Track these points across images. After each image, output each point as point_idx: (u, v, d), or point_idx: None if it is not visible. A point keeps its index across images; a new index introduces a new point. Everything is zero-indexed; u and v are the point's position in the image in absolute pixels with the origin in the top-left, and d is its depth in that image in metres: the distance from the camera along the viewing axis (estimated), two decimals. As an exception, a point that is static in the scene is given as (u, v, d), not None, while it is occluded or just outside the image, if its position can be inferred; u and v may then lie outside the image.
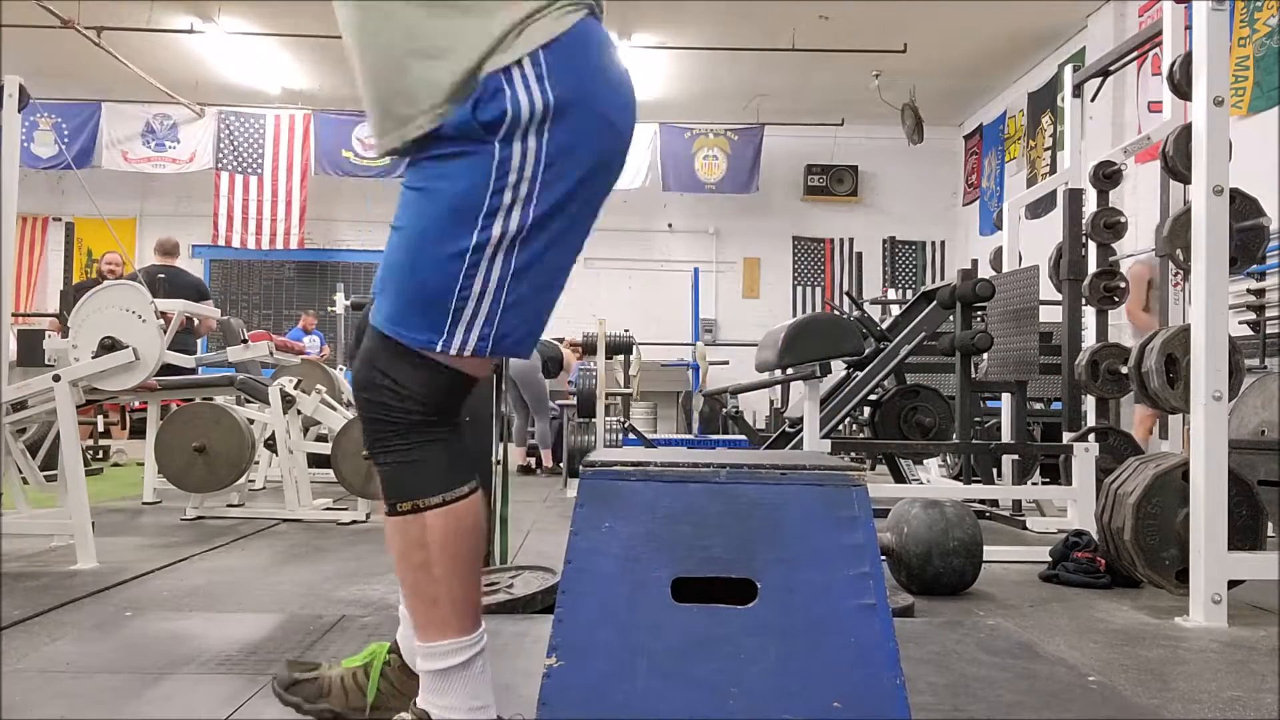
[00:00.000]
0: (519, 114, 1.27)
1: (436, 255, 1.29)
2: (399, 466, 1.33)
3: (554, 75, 1.29)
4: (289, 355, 5.28)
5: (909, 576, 3.07)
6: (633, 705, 1.24)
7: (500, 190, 1.28)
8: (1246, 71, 6.25)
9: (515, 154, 1.28)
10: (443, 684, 1.35)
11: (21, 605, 2.68)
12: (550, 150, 1.29)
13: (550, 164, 1.29)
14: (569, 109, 1.29)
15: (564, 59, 1.30)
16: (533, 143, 1.28)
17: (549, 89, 1.28)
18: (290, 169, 10.89)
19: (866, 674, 1.24)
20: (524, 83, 1.27)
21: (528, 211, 1.29)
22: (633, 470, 1.34)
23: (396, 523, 1.33)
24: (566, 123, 1.29)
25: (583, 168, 1.32)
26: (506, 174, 1.27)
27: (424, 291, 1.30)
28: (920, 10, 8.24)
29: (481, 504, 1.36)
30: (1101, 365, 4.48)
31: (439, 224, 1.29)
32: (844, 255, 11.88)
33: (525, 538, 4.15)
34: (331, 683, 1.55)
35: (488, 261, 1.29)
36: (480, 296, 1.29)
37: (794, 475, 1.32)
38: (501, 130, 1.27)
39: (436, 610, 1.33)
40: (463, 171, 1.28)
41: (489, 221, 1.28)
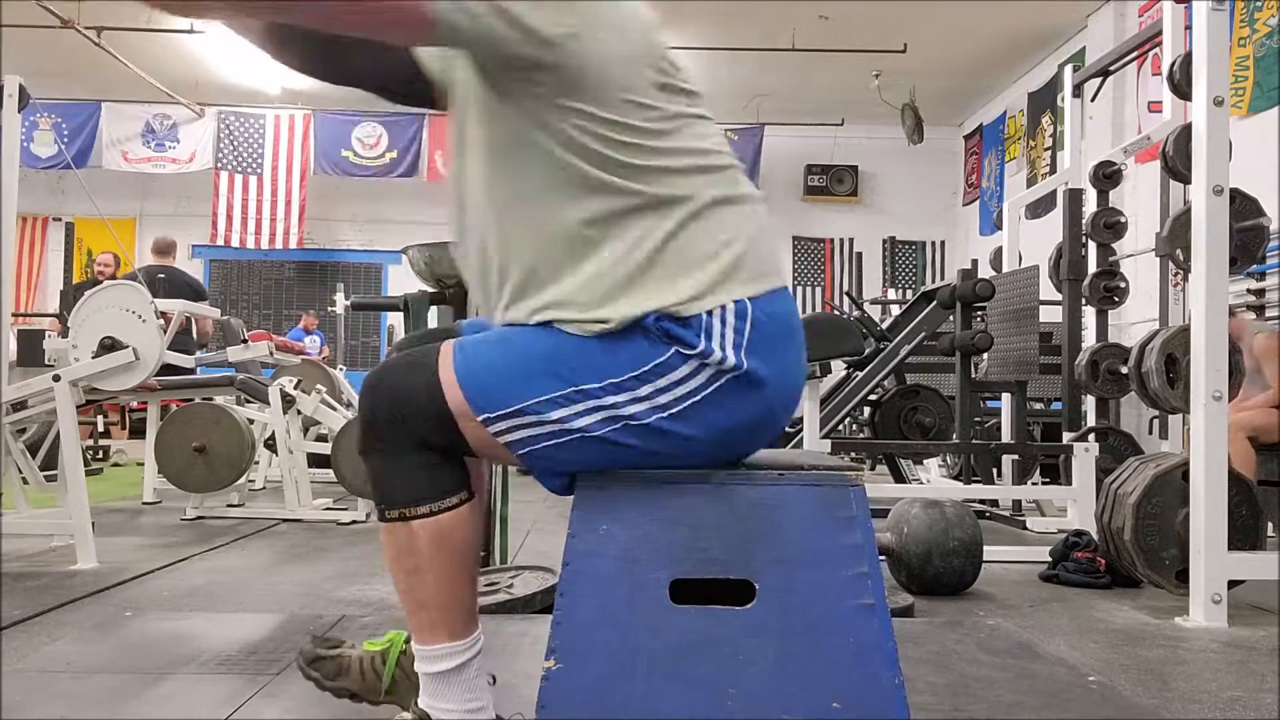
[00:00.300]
0: (709, 358, 1.25)
1: (548, 369, 1.26)
2: (386, 473, 1.32)
3: (754, 342, 1.27)
4: (289, 355, 5.28)
5: (909, 576, 3.07)
6: (631, 706, 1.24)
7: (646, 381, 1.26)
8: (1246, 71, 6.25)
9: (682, 370, 1.26)
10: (440, 686, 1.35)
11: (21, 605, 2.68)
12: (713, 395, 1.27)
13: (705, 405, 1.27)
14: (752, 384, 1.28)
15: (768, 333, 1.29)
16: (704, 377, 1.26)
17: (743, 355, 1.27)
18: (290, 169, 10.89)
19: (865, 674, 1.24)
20: (721, 334, 1.26)
21: (652, 415, 1.26)
22: (630, 471, 1.34)
23: (386, 529, 1.33)
24: (741, 391, 1.28)
25: (725, 431, 1.30)
26: (662, 375, 1.26)
27: (511, 379, 1.27)
28: (920, 10, 8.24)
29: (474, 512, 1.35)
30: (1101, 365, 4.49)
31: (575, 356, 1.26)
32: (844, 255, 11.88)
33: (525, 538, 4.15)
34: (351, 663, 1.56)
35: (584, 410, 1.26)
36: (548, 422, 1.26)
37: (792, 475, 1.32)
38: (687, 350, 1.25)
39: (428, 615, 1.34)
40: (631, 342, 1.26)
41: (613, 390, 1.26)
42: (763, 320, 1.29)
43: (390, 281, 11.83)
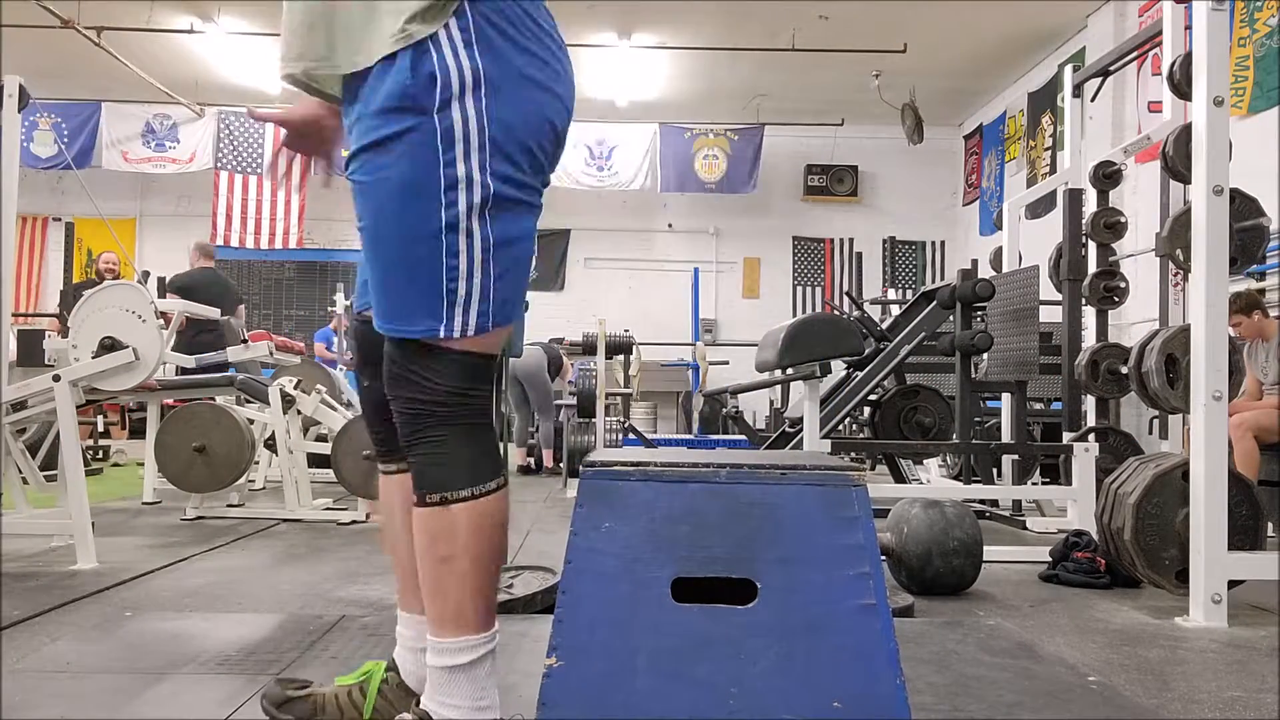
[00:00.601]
0: (449, 77, 1.26)
1: (412, 242, 1.28)
2: (429, 458, 1.33)
3: (482, 40, 1.28)
4: (289, 355, 5.28)
5: (909, 576, 3.07)
6: (633, 705, 1.24)
7: (451, 161, 1.26)
8: (1246, 71, 6.25)
9: (456, 121, 1.26)
10: (451, 681, 1.34)
11: (21, 605, 2.68)
12: (493, 115, 1.28)
13: (497, 129, 1.28)
14: (503, 77, 1.29)
15: (491, 24, 1.29)
16: (470, 106, 1.27)
17: (476, 56, 1.27)
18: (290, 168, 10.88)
19: (866, 674, 1.24)
20: (450, 47, 1.27)
21: (487, 179, 1.28)
22: (632, 470, 1.34)
23: (424, 514, 1.33)
24: (502, 89, 1.29)
25: (531, 133, 1.32)
26: (453, 143, 1.26)
27: (410, 281, 1.29)
28: (920, 10, 8.24)
29: (507, 501, 1.37)
30: (1101, 365, 4.49)
31: (403, 210, 1.28)
32: (844, 255, 11.88)
33: (525, 538, 4.15)
34: (326, 700, 1.53)
35: (465, 236, 1.28)
36: (469, 274, 1.29)
37: (794, 475, 1.32)
38: (435, 96, 1.26)
39: (455, 604, 1.33)
40: (408, 151, 1.27)
41: (452, 195, 1.27)
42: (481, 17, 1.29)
43: (390, 281, 11.81)
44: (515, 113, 1.30)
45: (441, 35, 1.26)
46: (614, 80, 9.85)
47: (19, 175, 3.35)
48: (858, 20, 8.50)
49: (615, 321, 8.89)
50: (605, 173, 10.85)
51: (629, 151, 10.81)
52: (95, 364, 3.42)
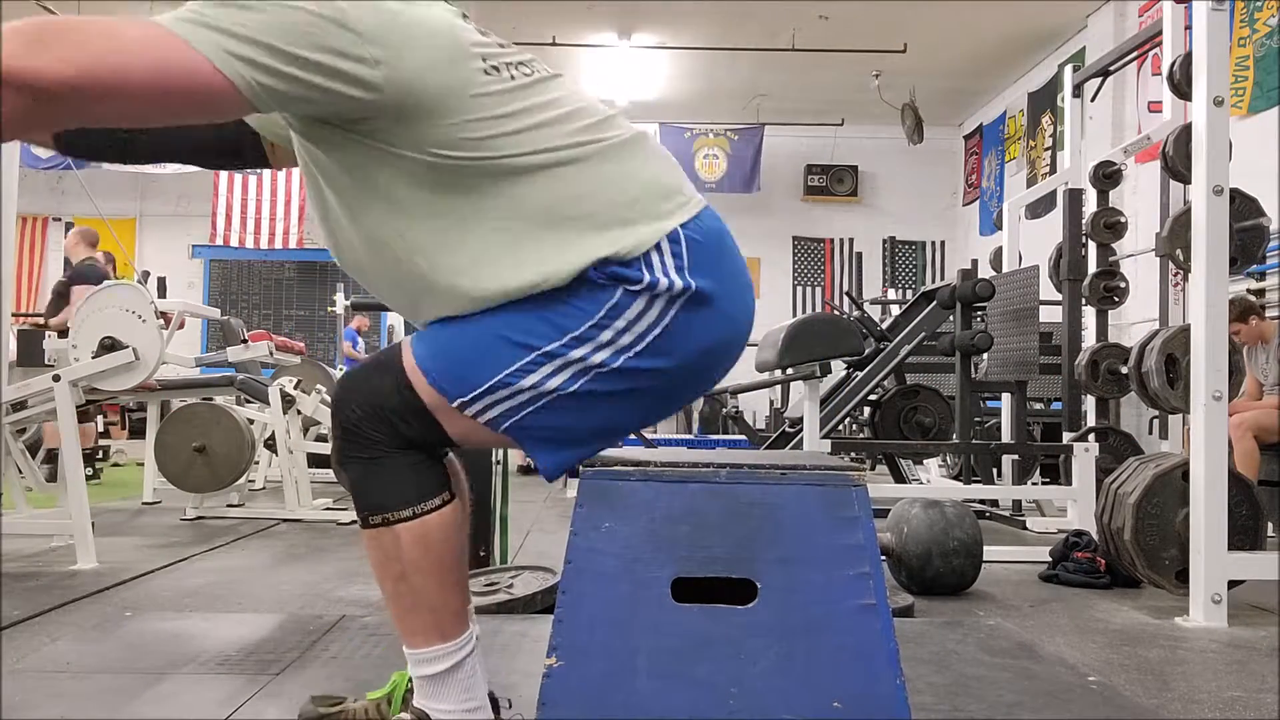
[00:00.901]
0: (655, 284, 1.25)
1: (508, 338, 1.26)
2: (366, 479, 1.31)
3: (694, 261, 1.28)
4: (289, 355, 5.28)
5: (909, 576, 3.07)
6: (633, 705, 1.24)
7: (603, 326, 1.25)
8: (1246, 71, 6.25)
9: (635, 307, 1.26)
10: (435, 688, 1.35)
11: (21, 605, 2.68)
12: (670, 325, 1.27)
13: (666, 334, 1.27)
14: (704, 301, 1.28)
15: (704, 249, 1.30)
16: (657, 309, 1.26)
17: (688, 275, 1.27)
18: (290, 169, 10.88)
19: (866, 674, 1.24)
20: (662, 263, 1.26)
21: (619, 357, 1.26)
22: (632, 470, 1.34)
23: (369, 535, 1.32)
24: (696, 312, 1.28)
25: (694, 355, 1.30)
26: (617, 317, 1.25)
27: (474, 357, 1.27)
28: (920, 10, 8.24)
29: (457, 513, 1.34)
30: (1101, 365, 4.49)
31: (528, 319, 1.26)
32: (844, 255, 11.88)
33: (525, 538, 4.15)
34: (356, 714, 1.53)
35: (552, 370, 1.26)
36: (522, 391, 1.26)
37: (794, 475, 1.32)
38: (634, 286, 1.25)
39: (418, 618, 1.33)
40: (578, 296, 1.25)
41: (575, 344, 1.25)
42: (696, 240, 1.30)
43: (390, 281, 11.82)
44: (695, 335, 1.29)
45: (654, 257, 1.26)
46: (614, 80, 9.85)
47: (19, 175, 3.35)
48: (858, 20, 8.50)
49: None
50: (605, 173, 10.83)
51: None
52: (95, 364, 3.42)
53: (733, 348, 1.36)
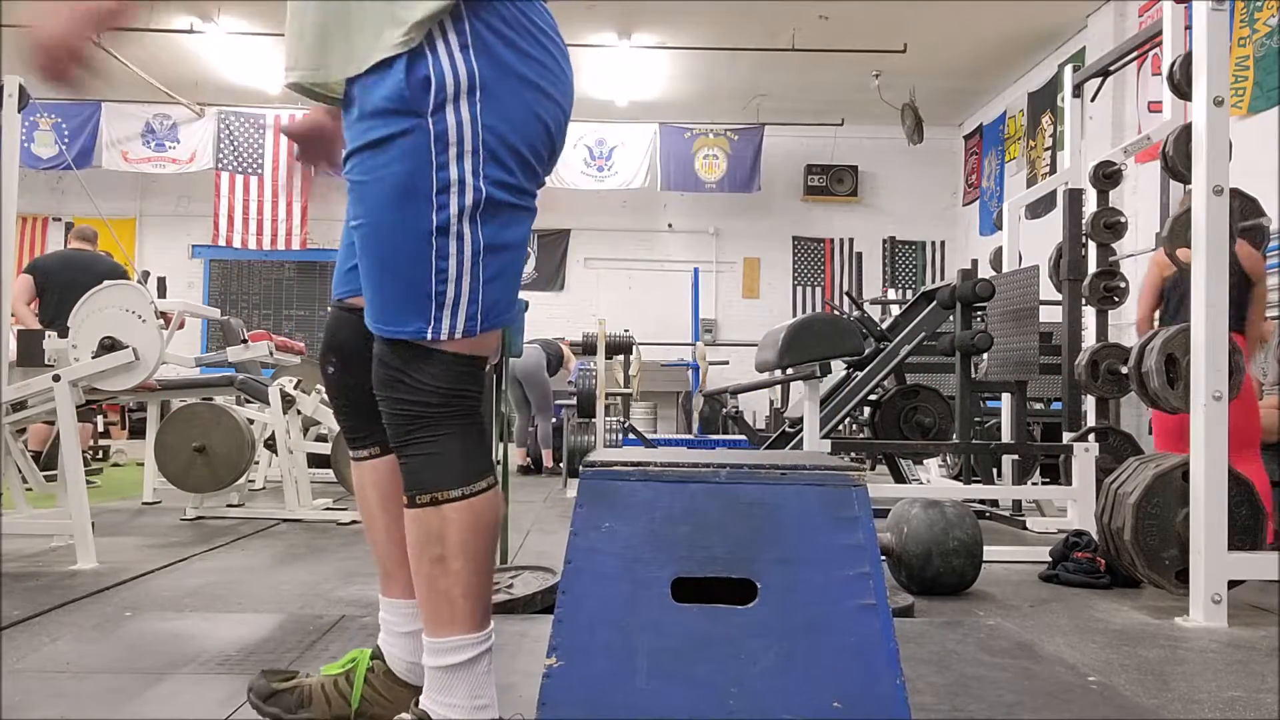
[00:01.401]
0: (444, 81, 1.26)
1: (403, 243, 1.29)
2: (419, 459, 1.33)
3: (479, 45, 1.28)
4: (289, 355, 5.28)
5: (909, 576, 3.07)
6: (633, 705, 1.24)
7: (444, 165, 1.27)
8: (1246, 71, 6.25)
9: (450, 125, 1.27)
10: (448, 680, 1.34)
11: (21, 605, 2.68)
12: (487, 119, 1.28)
13: (491, 133, 1.28)
14: (499, 80, 1.29)
15: (490, 28, 1.30)
16: (465, 111, 1.27)
17: (473, 60, 1.28)
18: (291, 169, 10.89)
19: (866, 674, 1.24)
20: (447, 52, 1.27)
21: (480, 183, 1.29)
22: (633, 470, 1.34)
23: (415, 515, 1.33)
24: (497, 93, 1.29)
25: (526, 137, 1.32)
26: (446, 146, 1.27)
27: (401, 283, 1.30)
28: (920, 10, 8.24)
29: (499, 497, 1.37)
30: (1101, 365, 4.49)
31: (395, 212, 1.29)
32: (844, 255, 11.88)
33: (525, 538, 4.15)
34: (312, 691, 1.53)
35: (455, 239, 1.29)
36: (458, 277, 1.30)
37: (794, 475, 1.32)
38: (430, 100, 1.26)
39: (449, 605, 1.33)
40: (402, 153, 1.27)
41: (444, 198, 1.28)
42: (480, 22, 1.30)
43: (390, 281, 11.82)
44: (510, 117, 1.30)
45: (438, 39, 1.27)
46: (614, 80, 9.85)
47: (19, 175, 3.35)
48: (858, 20, 8.50)
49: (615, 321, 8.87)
50: (605, 173, 10.85)
51: (629, 151, 10.82)
52: (95, 364, 3.42)
53: (563, 118, 1.38)
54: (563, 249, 11.78)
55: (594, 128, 10.64)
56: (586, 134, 10.65)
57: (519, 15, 1.33)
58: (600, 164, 10.82)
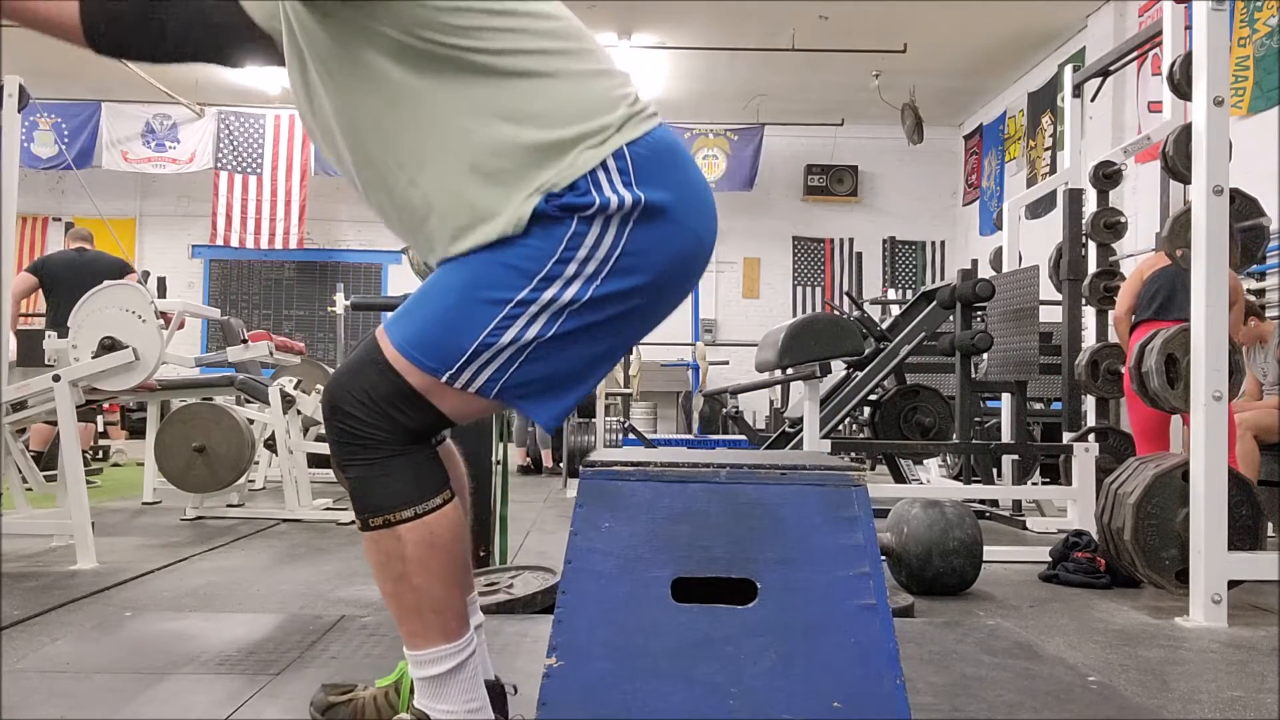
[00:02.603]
0: (606, 204, 1.25)
1: (479, 298, 1.26)
2: (366, 480, 1.30)
3: (642, 176, 1.27)
4: (289, 355, 5.28)
5: (909, 576, 3.07)
6: (633, 705, 1.24)
7: (566, 260, 1.25)
8: (1246, 71, 6.25)
9: (592, 233, 1.26)
10: (437, 689, 1.35)
11: (21, 605, 2.68)
12: (629, 244, 1.27)
13: (627, 254, 1.27)
14: (659, 214, 1.28)
15: (653, 163, 1.29)
16: (613, 230, 1.26)
17: (636, 189, 1.26)
18: (290, 169, 10.89)
19: (866, 674, 1.24)
20: (609, 182, 1.26)
21: (588, 288, 1.26)
22: (633, 470, 1.33)
23: (369, 537, 1.31)
24: (653, 225, 1.28)
25: (660, 269, 1.30)
26: (577, 248, 1.25)
27: (451, 327, 1.27)
28: (920, 10, 8.24)
29: (459, 511, 1.34)
30: (1101, 365, 4.49)
31: (493, 272, 1.26)
32: (844, 255, 11.88)
33: (525, 538, 4.15)
34: (365, 704, 1.53)
35: (528, 319, 1.26)
36: (505, 347, 1.26)
37: (794, 475, 1.32)
38: (586, 212, 1.25)
39: (420, 620, 1.32)
40: (534, 234, 1.26)
41: (544, 285, 1.25)
42: (643, 155, 1.29)
43: (390, 281, 11.83)
44: (654, 250, 1.28)
45: (601, 177, 1.26)
46: (614, 80, 9.84)
47: (19, 175, 3.35)
48: (858, 20, 8.50)
49: (615, 321, 8.83)
50: (605, 173, 10.84)
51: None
52: (95, 364, 3.42)
53: (698, 259, 1.36)
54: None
55: (594, 128, 10.63)
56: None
57: (670, 143, 1.34)
58: (600, 164, 10.81)
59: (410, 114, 1.28)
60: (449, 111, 1.27)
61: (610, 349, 1.34)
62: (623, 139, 1.29)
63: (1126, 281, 4.30)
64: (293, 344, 5.45)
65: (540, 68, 1.28)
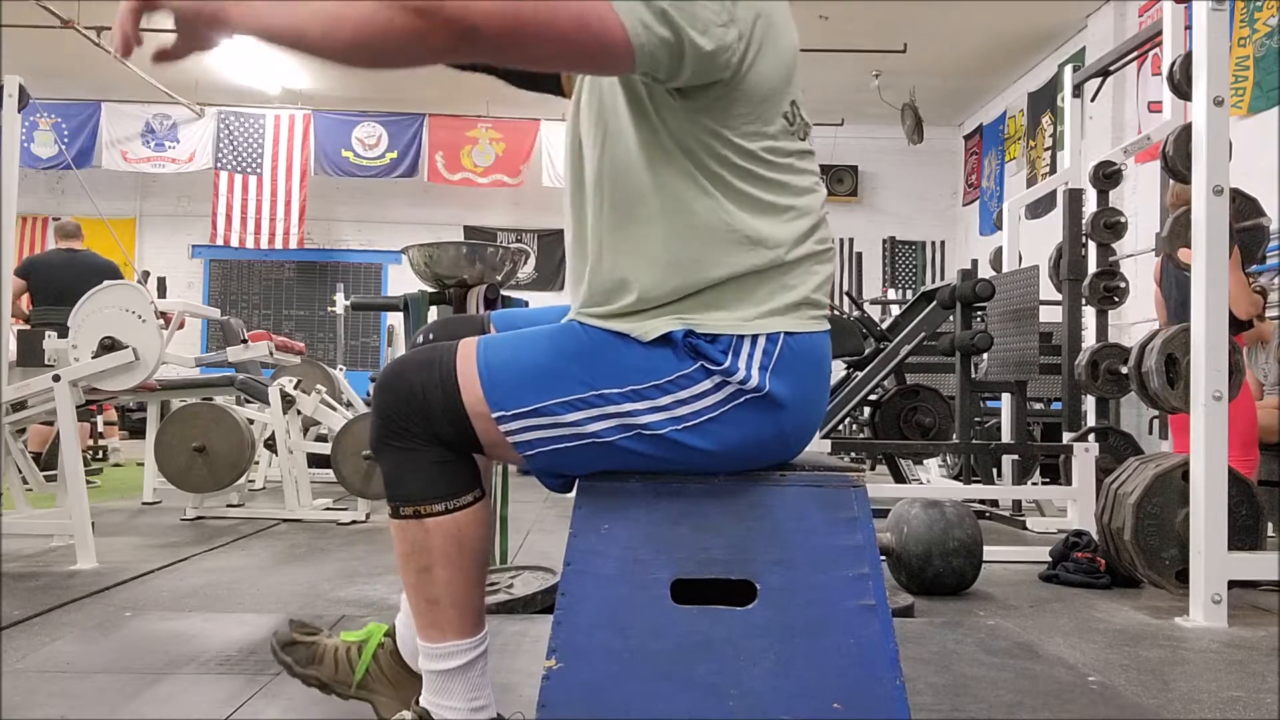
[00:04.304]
0: (733, 375, 1.24)
1: (573, 371, 1.25)
2: (400, 468, 1.31)
3: (779, 371, 1.26)
4: (289, 355, 5.28)
5: (909, 577, 3.07)
6: (632, 706, 1.24)
7: (665, 391, 1.25)
8: (1246, 71, 6.25)
9: (705, 385, 1.25)
10: (444, 684, 1.35)
11: (21, 605, 2.68)
12: (730, 414, 1.26)
13: (721, 420, 1.26)
14: (770, 407, 1.27)
15: (794, 359, 1.28)
16: (724, 395, 1.25)
17: (768, 380, 1.26)
18: (290, 169, 10.89)
19: (866, 675, 1.24)
20: (749, 358, 1.25)
21: (666, 426, 1.25)
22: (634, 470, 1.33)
23: (398, 526, 1.33)
24: (761, 412, 1.27)
25: (735, 447, 1.28)
26: (683, 389, 1.25)
27: (533, 378, 1.26)
28: (920, 10, 8.24)
29: (485, 511, 1.36)
30: (1101, 365, 4.48)
31: (601, 356, 1.26)
32: (844, 255, 11.88)
33: (525, 538, 4.15)
34: (325, 651, 1.55)
35: (599, 415, 1.25)
36: (560, 425, 1.26)
37: (794, 476, 1.32)
38: (713, 369, 1.24)
39: (438, 612, 1.33)
40: (658, 352, 1.25)
41: (631, 397, 1.25)
42: (792, 350, 1.27)
43: (390, 281, 11.83)
44: (744, 435, 1.27)
45: (745, 346, 1.25)
46: (614, 80, 9.82)
47: (19, 175, 3.35)
48: (858, 20, 8.50)
49: (615, 321, 8.82)
50: (605, 173, 10.84)
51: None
52: (95, 364, 3.42)
53: (774, 454, 1.34)
54: (563, 249, 11.77)
55: (594, 128, 10.62)
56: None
57: (822, 353, 1.32)
58: (600, 164, 10.82)
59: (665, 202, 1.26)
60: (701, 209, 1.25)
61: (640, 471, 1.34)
62: (785, 325, 1.27)
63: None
64: (293, 344, 5.45)
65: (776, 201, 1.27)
